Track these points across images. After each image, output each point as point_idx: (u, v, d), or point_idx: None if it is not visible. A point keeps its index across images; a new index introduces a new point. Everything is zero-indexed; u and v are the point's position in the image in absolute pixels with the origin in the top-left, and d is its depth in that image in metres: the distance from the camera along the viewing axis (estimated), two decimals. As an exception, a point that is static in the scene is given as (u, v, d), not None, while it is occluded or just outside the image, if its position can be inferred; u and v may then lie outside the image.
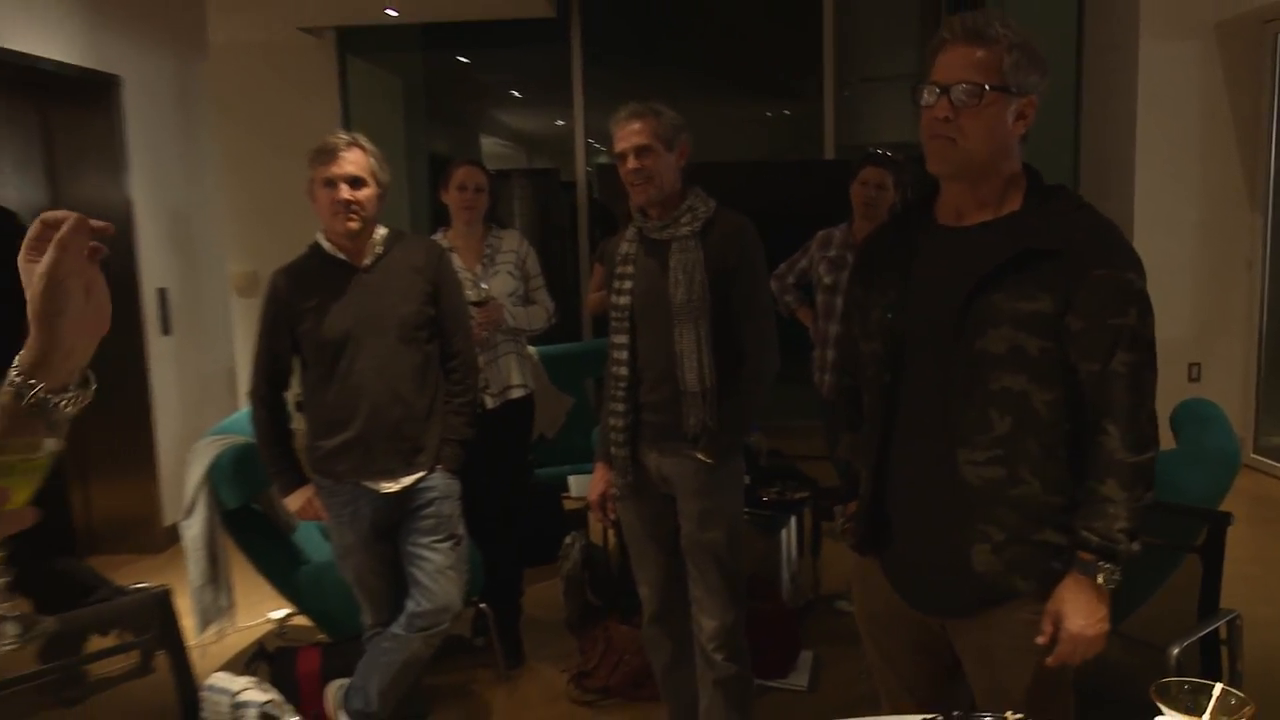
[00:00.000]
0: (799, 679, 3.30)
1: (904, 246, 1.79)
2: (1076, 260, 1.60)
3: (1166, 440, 2.86)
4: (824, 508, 4.00)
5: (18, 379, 0.91)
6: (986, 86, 1.61)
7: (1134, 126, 5.18)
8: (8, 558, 0.86)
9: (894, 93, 6.96)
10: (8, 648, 0.86)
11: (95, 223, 0.95)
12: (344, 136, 2.59)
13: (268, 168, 6.50)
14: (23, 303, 0.92)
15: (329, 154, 2.54)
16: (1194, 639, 2.03)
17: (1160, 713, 1.29)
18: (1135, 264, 1.63)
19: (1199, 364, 5.31)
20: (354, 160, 2.55)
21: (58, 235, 0.92)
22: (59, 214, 0.93)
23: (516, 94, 8.86)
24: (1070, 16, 5.90)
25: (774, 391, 2.62)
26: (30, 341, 0.92)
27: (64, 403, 0.91)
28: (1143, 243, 5.15)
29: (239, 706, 1.87)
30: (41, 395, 0.90)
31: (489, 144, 9.11)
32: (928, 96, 1.66)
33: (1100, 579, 1.57)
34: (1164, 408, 1.86)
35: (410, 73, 7.63)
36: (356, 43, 6.76)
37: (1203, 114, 5.14)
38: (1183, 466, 2.68)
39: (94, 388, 0.96)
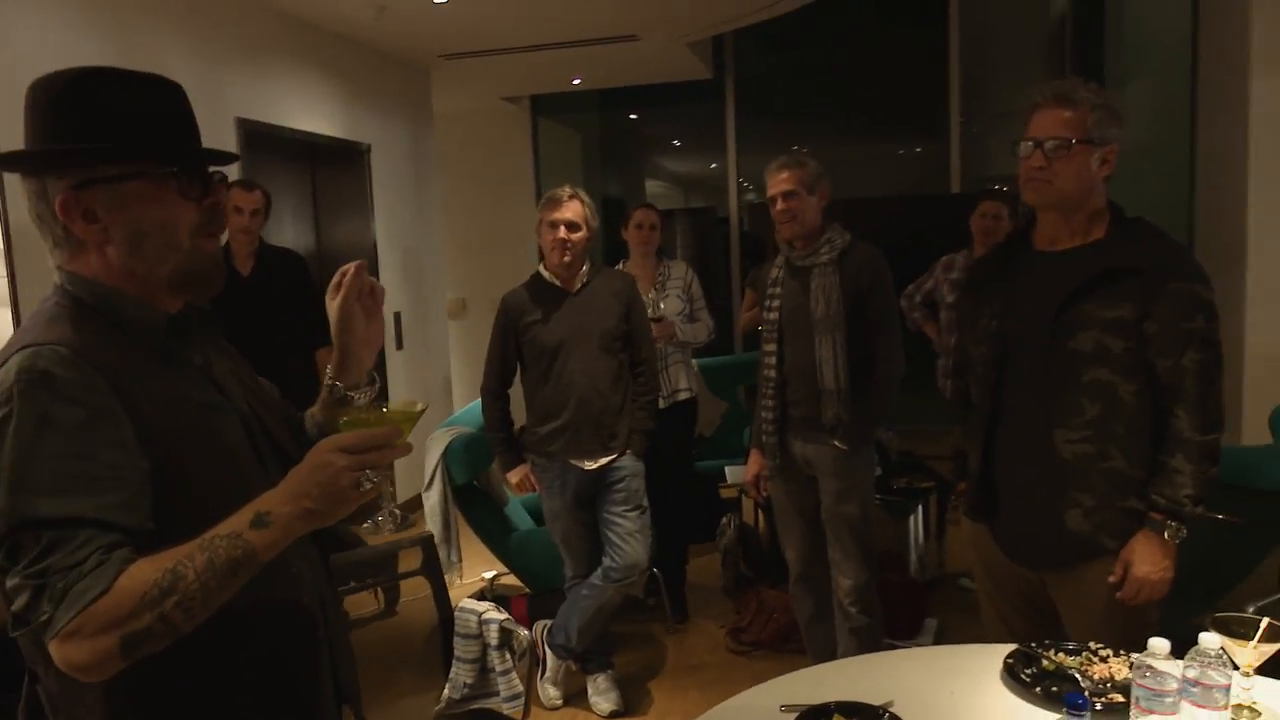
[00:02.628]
0: (924, 640, 3.44)
1: (1007, 267, 1.99)
2: (1154, 276, 1.76)
3: (1265, 437, 2.90)
4: (948, 499, 4.11)
5: (328, 381, 1.28)
6: (1074, 140, 1.80)
7: (1246, 153, 5.03)
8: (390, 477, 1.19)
9: (1017, 127, 6.90)
10: (391, 530, 1.20)
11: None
12: (568, 190, 2.91)
13: (476, 212, 7.09)
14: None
15: (555, 202, 2.90)
16: (1272, 600, 2.11)
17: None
18: (1204, 279, 1.78)
19: (1317, 374, 5.07)
20: (573, 209, 2.89)
21: (345, 279, 1.27)
22: (349, 265, 1.28)
23: (677, 142, 9.22)
24: (1185, 54, 5.77)
25: (904, 399, 2.80)
26: (334, 354, 1.28)
27: (359, 396, 1.26)
28: (1259, 258, 5.00)
29: (484, 622, 2.23)
30: (342, 392, 1.26)
31: (652, 185, 9.50)
32: (1025, 149, 1.87)
33: (1167, 535, 1.72)
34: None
35: (588, 129, 8.12)
36: (546, 107, 7.27)
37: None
38: (1276, 460, 2.71)
39: (378, 385, 1.32)
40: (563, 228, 2.88)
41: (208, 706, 1.08)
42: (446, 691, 2.22)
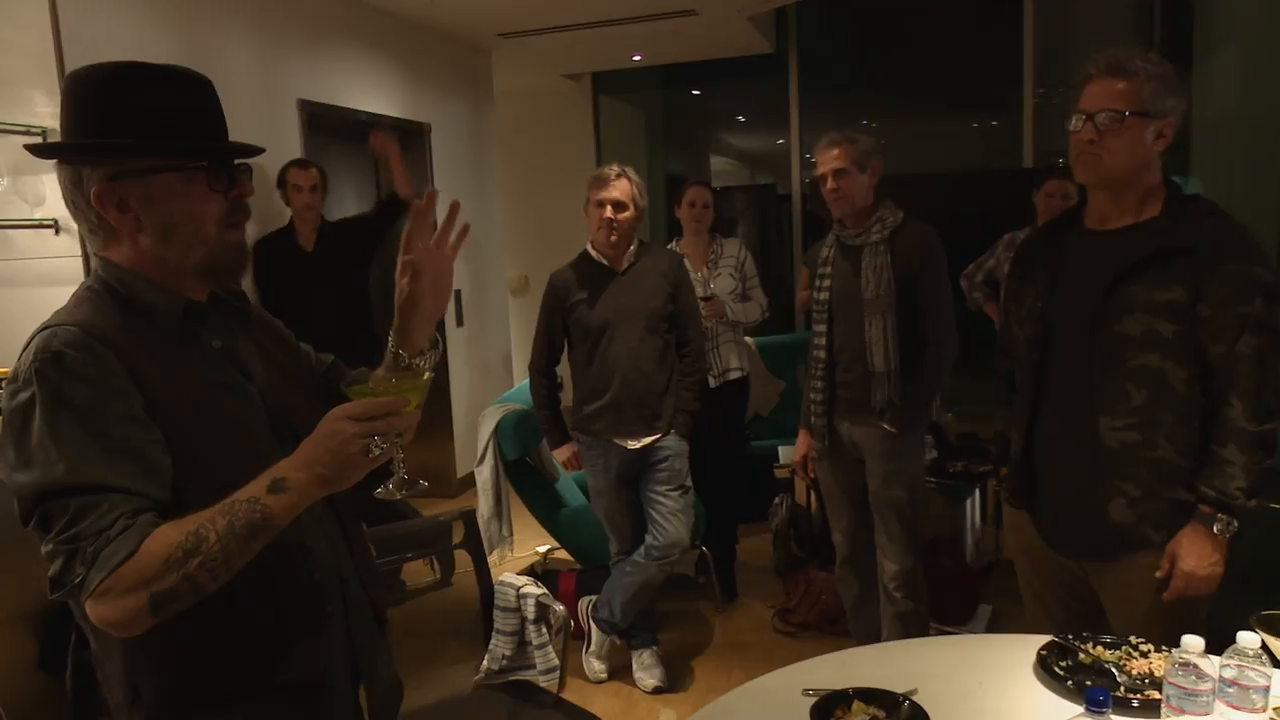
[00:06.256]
0: (976, 627, 3.38)
1: (1055, 247, 1.92)
2: (1208, 256, 1.68)
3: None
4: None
5: (391, 348, 1.29)
6: (1126, 113, 1.72)
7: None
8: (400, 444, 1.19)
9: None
10: (401, 496, 1.21)
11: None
12: (615, 169, 2.90)
13: (537, 190, 7.13)
14: None
15: (603, 181, 2.90)
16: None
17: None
18: (1263, 260, 1.68)
19: None
20: (620, 188, 2.88)
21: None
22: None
23: (741, 118, 9.09)
24: (1280, 19, 5.43)
25: (965, 381, 2.73)
26: (394, 321, 1.29)
27: (422, 362, 1.28)
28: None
29: (522, 597, 2.27)
30: (407, 360, 1.28)
31: (717, 162, 9.40)
32: (1076, 123, 1.79)
33: (1216, 528, 1.65)
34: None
35: (651, 106, 8.07)
36: (608, 84, 7.25)
37: None
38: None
39: (442, 347, 1.33)
40: (609, 207, 2.88)
41: (210, 670, 1.14)
42: (485, 663, 2.27)
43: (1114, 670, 1.55)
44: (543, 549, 4.31)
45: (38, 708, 2.72)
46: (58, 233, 2.96)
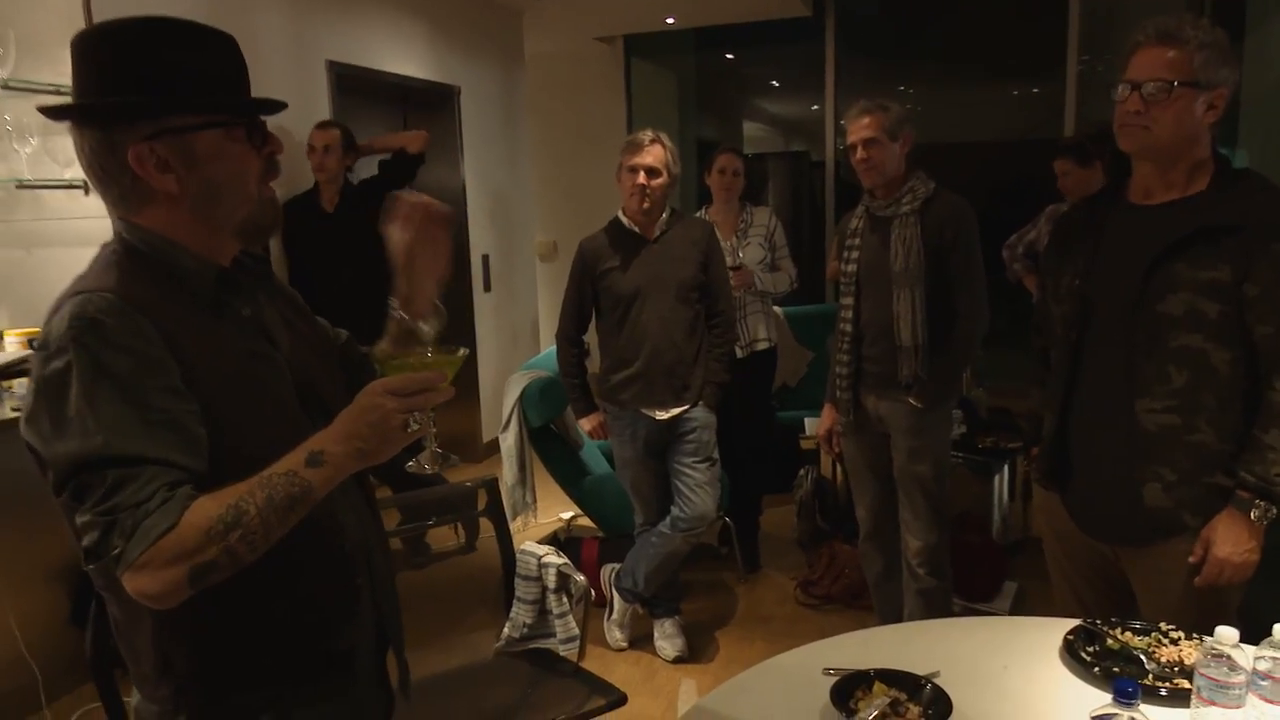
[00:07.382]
0: (1001, 605, 3.35)
1: (1095, 221, 1.85)
2: (1256, 233, 1.61)
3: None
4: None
5: (395, 313, 1.28)
6: (1175, 83, 1.65)
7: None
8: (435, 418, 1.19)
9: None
10: (433, 470, 1.21)
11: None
12: (650, 134, 2.85)
13: (567, 155, 7.07)
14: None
15: (636, 147, 2.85)
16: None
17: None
18: None
19: None
20: (654, 154, 2.83)
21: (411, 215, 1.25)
22: (410, 198, 1.27)
23: (775, 83, 8.92)
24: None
25: (999, 355, 2.66)
26: (398, 285, 1.27)
27: (426, 325, 1.26)
28: None
29: (543, 566, 2.27)
30: (411, 324, 1.26)
31: (750, 128, 9.25)
32: (1121, 92, 1.72)
33: (1254, 515, 1.60)
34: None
35: (684, 70, 7.94)
36: (640, 47, 7.13)
37: None
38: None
39: (445, 315, 1.31)
40: (643, 173, 2.83)
41: (245, 642, 1.13)
42: (507, 630, 2.28)
43: (1142, 657, 1.52)
44: (566, 516, 4.32)
45: (69, 662, 2.79)
46: (88, 193, 2.97)
